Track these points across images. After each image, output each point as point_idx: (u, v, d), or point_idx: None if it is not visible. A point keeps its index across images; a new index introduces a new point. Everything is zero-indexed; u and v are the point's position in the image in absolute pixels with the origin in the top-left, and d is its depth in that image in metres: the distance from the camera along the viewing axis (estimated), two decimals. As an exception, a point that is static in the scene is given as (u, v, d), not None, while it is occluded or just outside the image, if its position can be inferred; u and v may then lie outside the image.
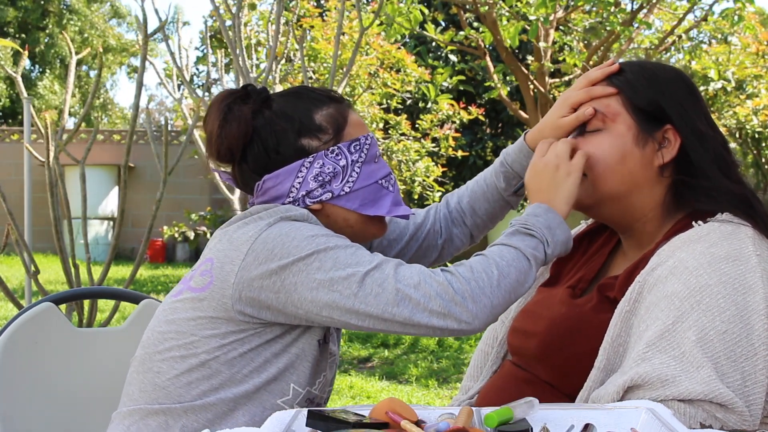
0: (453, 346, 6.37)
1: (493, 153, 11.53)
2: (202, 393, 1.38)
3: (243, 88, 1.49)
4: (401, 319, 1.28)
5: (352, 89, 7.49)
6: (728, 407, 1.13)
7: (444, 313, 1.27)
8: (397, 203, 1.49)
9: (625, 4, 6.69)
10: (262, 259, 1.33)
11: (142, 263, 5.98)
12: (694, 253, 1.25)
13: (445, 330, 1.28)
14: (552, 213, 1.38)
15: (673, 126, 1.38)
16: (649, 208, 1.40)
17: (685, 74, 1.46)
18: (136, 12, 27.89)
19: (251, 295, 1.34)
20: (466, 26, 6.87)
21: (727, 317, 1.18)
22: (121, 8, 24.94)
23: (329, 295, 1.30)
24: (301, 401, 1.42)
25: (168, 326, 1.42)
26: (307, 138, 1.44)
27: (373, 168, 1.47)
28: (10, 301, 3.40)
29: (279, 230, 1.35)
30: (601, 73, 1.44)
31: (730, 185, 1.37)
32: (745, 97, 9.82)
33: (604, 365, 1.26)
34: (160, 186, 3.57)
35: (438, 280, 1.29)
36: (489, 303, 1.29)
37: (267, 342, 1.38)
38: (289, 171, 1.43)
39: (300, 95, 1.49)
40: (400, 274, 1.30)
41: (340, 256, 1.32)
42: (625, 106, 1.39)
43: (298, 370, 1.40)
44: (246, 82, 3.95)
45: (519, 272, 1.32)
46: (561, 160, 1.39)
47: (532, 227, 1.35)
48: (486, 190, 1.64)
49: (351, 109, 1.50)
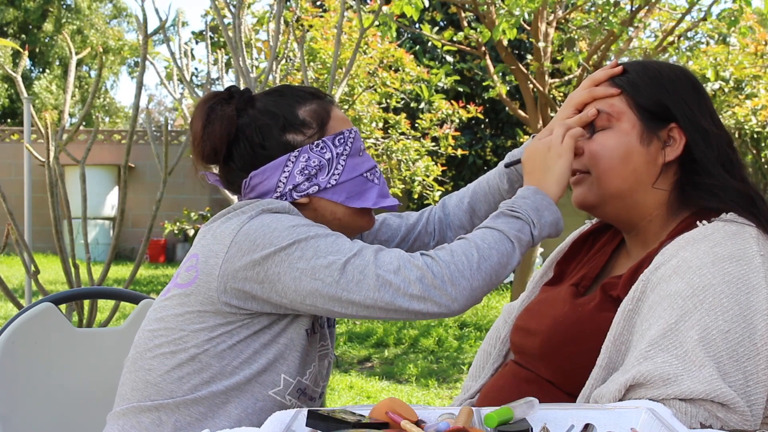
0: (453, 346, 6.37)
1: (493, 152, 11.52)
2: (193, 387, 1.40)
3: (227, 90, 1.53)
4: (383, 305, 1.30)
5: (351, 89, 7.49)
6: (730, 407, 1.13)
7: (423, 297, 1.29)
8: (383, 195, 1.52)
9: (624, 4, 6.68)
10: (245, 251, 1.36)
11: (142, 263, 5.98)
12: (697, 252, 1.25)
13: (426, 314, 1.30)
14: (540, 194, 1.39)
15: (678, 124, 1.38)
16: (654, 207, 1.41)
17: (691, 73, 1.46)
18: (135, 11, 27.91)
19: (236, 286, 1.37)
20: (465, 26, 6.86)
21: (730, 317, 1.18)
22: (121, 7, 24.94)
23: (312, 284, 1.32)
24: (293, 392, 1.44)
25: (157, 324, 1.45)
26: (292, 133, 1.47)
27: (357, 161, 1.50)
28: (10, 301, 3.40)
29: (261, 222, 1.37)
30: (605, 74, 1.45)
31: (734, 184, 1.37)
32: (744, 97, 9.82)
33: (606, 363, 1.26)
34: (160, 186, 3.57)
35: (417, 264, 1.30)
36: (468, 286, 1.30)
37: (255, 333, 1.40)
38: (276, 166, 1.46)
39: (283, 93, 1.52)
40: (380, 260, 1.32)
41: (320, 244, 1.34)
42: (629, 105, 1.40)
43: (287, 360, 1.42)
44: (246, 82, 3.94)
45: (501, 254, 1.33)
46: (553, 142, 1.40)
47: (518, 209, 1.37)
48: (488, 192, 1.65)
49: (334, 105, 1.54)
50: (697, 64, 8.74)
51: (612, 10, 6.17)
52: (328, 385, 4.94)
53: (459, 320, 7.23)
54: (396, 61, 7.91)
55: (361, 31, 4.21)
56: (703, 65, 8.75)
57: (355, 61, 5.02)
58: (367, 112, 7.84)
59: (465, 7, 6.90)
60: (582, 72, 6.73)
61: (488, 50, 7.08)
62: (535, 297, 1.56)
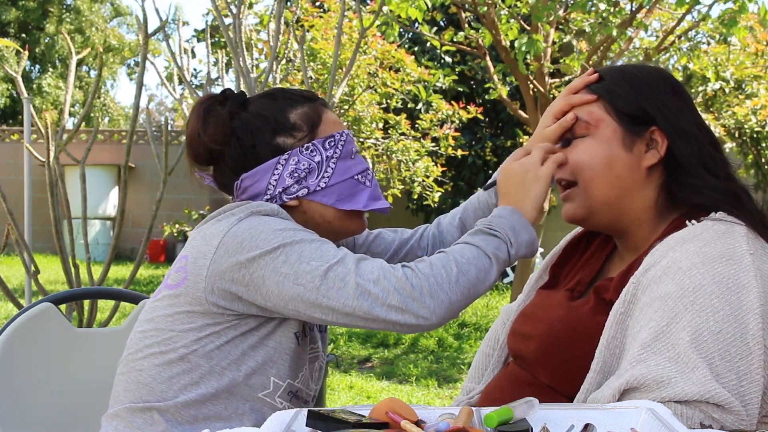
0: (453, 346, 6.37)
1: (493, 153, 11.52)
2: (183, 387, 1.41)
3: (222, 92, 1.55)
4: (361, 314, 1.30)
5: (351, 89, 7.49)
6: (725, 407, 1.12)
7: (402, 308, 1.29)
8: (375, 198, 1.52)
9: (624, 4, 6.68)
10: (231, 252, 1.37)
11: (142, 263, 5.98)
12: (687, 252, 1.25)
13: (404, 326, 1.30)
14: (517, 215, 1.40)
15: (658, 127, 1.38)
16: (642, 211, 1.40)
17: (669, 74, 1.46)
18: (136, 12, 27.90)
19: (223, 287, 1.38)
20: (466, 26, 6.86)
21: (721, 317, 1.17)
22: (121, 7, 24.94)
23: (294, 289, 1.33)
24: (283, 394, 1.44)
25: (148, 325, 1.46)
26: (283, 136, 1.49)
27: (349, 164, 1.50)
28: (10, 301, 3.40)
29: (249, 224, 1.39)
30: (581, 82, 1.45)
31: (716, 182, 1.36)
32: (744, 97, 9.82)
33: (600, 367, 1.26)
34: (160, 186, 3.57)
35: (397, 275, 1.31)
36: (447, 299, 1.31)
37: (243, 334, 1.41)
38: (266, 169, 1.48)
39: (275, 96, 1.54)
40: (361, 269, 1.32)
41: (305, 249, 1.35)
42: (608, 111, 1.40)
43: (277, 363, 1.43)
44: (246, 82, 3.94)
45: (479, 270, 1.34)
46: (531, 165, 1.41)
47: (496, 228, 1.38)
48: (478, 207, 1.68)
49: (326, 108, 1.55)
50: (698, 65, 8.74)
51: (612, 11, 6.16)
52: (328, 385, 4.94)
53: (459, 320, 7.23)
54: (396, 62, 7.91)
55: (361, 31, 4.21)
56: (704, 65, 8.75)
57: (355, 62, 5.02)
58: (367, 112, 7.84)
59: (465, 8, 6.90)
60: (582, 72, 6.72)
61: (488, 50, 7.07)
62: (531, 301, 1.56)
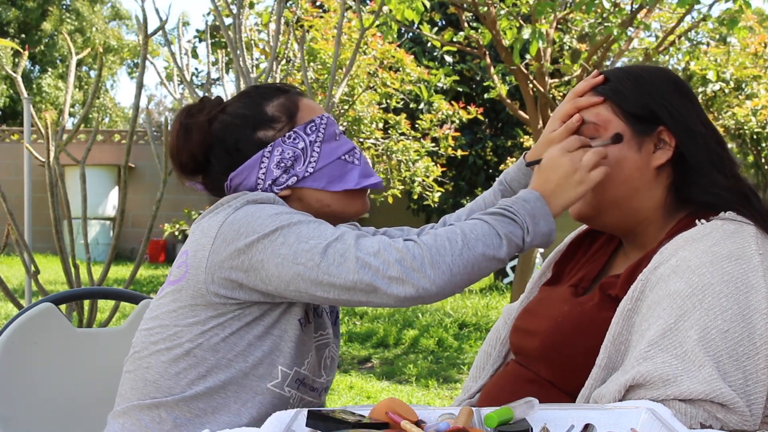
0: (453, 346, 6.37)
1: (493, 152, 11.52)
2: (190, 382, 1.41)
3: (200, 101, 1.56)
4: (362, 287, 1.29)
5: (351, 89, 7.49)
6: (729, 407, 1.12)
7: (402, 279, 1.27)
8: (366, 175, 1.52)
9: (624, 4, 6.68)
10: (229, 240, 1.37)
11: (142, 263, 5.98)
12: (696, 251, 1.25)
13: (406, 298, 1.28)
14: (541, 203, 1.36)
15: (666, 126, 1.38)
16: (650, 211, 1.41)
17: (674, 73, 1.46)
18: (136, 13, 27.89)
19: (223, 276, 1.38)
20: (466, 26, 6.86)
21: (729, 316, 1.18)
22: (122, 10, 24.94)
23: (294, 268, 1.32)
24: (291, 382, 1.44)
25: (152, 322, 1.47)
26: (263, 130, 1.50)
27: (333, 145, 1.51)
28: (10, 301, 3.40)
29: (245, 212, 1.39)
30: (587, 84, 1.44)
31: (725, 182, 1.37)
32: (744, 98, 9.82)
33: (605, 363, 1.26)
34: (160, 186, 3.57)
35: (397, 247, 1.29)
36: (448, 270, 1.28)
37: (247, 324, 1.41)
38: (252, 164, 1.49)
39: (249, 94, 1.55)
40: (361, 244, 1.31)
41: (302, 230, 1.34)
42: (615, 112, 1.40)
43: (283, 351, 1.43)
44: (246, 82, 3.95)
45: (487, 247, 1.31)
46: (583, 166, 1.36)
47: (516, 212, 1.34)
48: (483, 207, 1.67)
49: (302, 96, 1.55)
50: (699, 65, 8.74)
51: (612, 11, 6.16)
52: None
53: (459, 320, 7.23)
54: (396, 62, 7.91)
55: (361, 31, 4.21)
56: (704, 65, 8.75)
57: (355, 62, 5.02)
58: (367, 112, 7.85)
59: (464, 8, 6.90)
60: (582, 72, 6.72)
61: (488, 50, 7.07)
62: (534, 297, 1.56)
